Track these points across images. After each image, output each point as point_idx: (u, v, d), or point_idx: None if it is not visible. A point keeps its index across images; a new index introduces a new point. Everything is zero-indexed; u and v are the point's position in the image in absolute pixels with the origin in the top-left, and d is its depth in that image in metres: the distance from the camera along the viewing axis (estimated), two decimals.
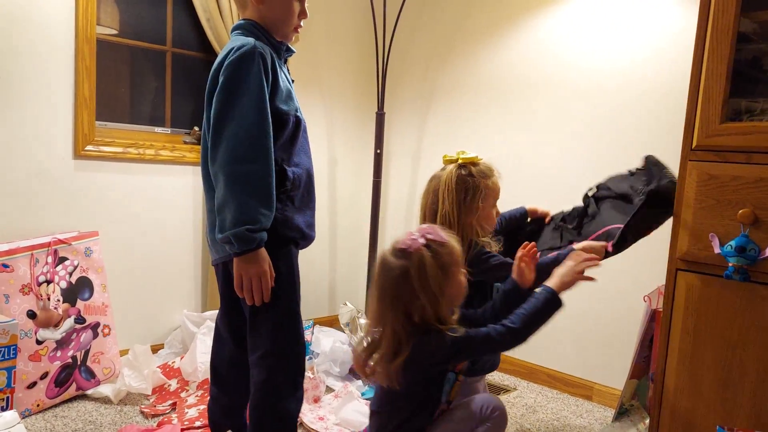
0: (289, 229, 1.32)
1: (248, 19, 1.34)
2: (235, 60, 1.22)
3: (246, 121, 1.19)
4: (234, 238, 1.19)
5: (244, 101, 1.20)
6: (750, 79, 1.34)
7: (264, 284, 1.24)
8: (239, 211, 1.18)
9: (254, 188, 1.19)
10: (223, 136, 1.20)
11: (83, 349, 2.06)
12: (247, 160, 1.19)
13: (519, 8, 2.49)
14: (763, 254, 1.16)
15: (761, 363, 1.18)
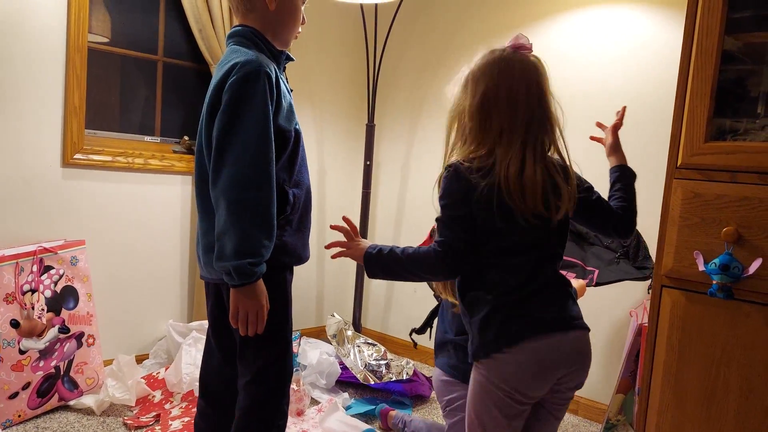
0: (286, 255, 1.29)
1: (247, 26, 1.28)
2: (240, 79, 1.15)
3: (250, 147, 1.14)
4: (234, 270, 1.14)
5: (248, 125, 1.14)
6: (734, 99, 1.37)
7: (260, 317, 1.21)
8: (241, 243, 1.13)
9: (257, 218, 1.14)
10: (227, 161, 1.14)
11: (66, 359, 2.03)
12: (251, 187, 1.14)
13: (509, 24, 2.52)
14: (746, 272, 1.17)
15: (745, 381, 1.19)
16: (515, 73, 1.20)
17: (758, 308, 1.18)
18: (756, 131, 1.30)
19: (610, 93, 2.23)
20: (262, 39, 1.28)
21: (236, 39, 1.27)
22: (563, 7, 2.35)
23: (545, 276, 1.16)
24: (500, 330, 1.13)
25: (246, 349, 1.30)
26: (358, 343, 2.47)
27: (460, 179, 1.14)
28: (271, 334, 1.27)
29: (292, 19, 1.30)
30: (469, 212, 1.14)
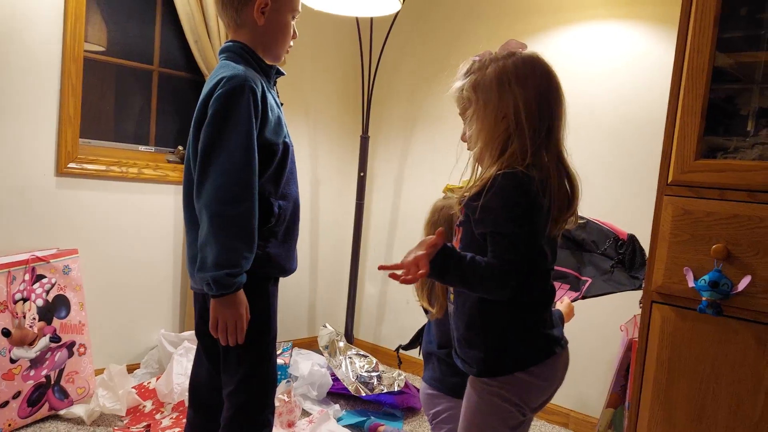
0: (269, 266, 1.30)
1: (237, 42, 1.31)
2: (225, 93, 1.18)
3: (234, 160, 1.17)
4: (213, 281, 1.17)
5: (232, 138, 1.17)
6: (724, 118, 1.38)
7: (239, 327, 1.22)
8: (221, 254, 1.16)
9: (238, 230, 1.17)
10: (210, 173, 1.17)
11: (57, 369, 2.02)
12: (233, 200, 1.17)
13: (502, 39, 2.53)
14: (735, 289, 1.18)
15: (734, 397, 1.20)
16: (552, 73, 1.18)
17: (747, 325, 1.19)
18: (746, 149, 1.32)
19: (602, 108, 2.25)
20: (252, 54, 1.30)
21: (227, 54, 1.30)
22: (556, 23, 2.37)
23: (553, 292, 1.18)
24: (527, 348, 1.11)
25: (228, 360, 1.31)
26: (350, 355, 2.46)
27: (529, 192, 1.06)
28: (252, 344, 1.28)
29: (281, 33, 1.32)
30: (534, 229, 1.07)
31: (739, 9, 1.36)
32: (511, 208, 1.06)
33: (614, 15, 2.21)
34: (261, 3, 1.27)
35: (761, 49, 1.35)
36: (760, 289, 1.17)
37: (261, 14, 1.28)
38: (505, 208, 1.06)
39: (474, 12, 2.64)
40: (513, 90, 1.13)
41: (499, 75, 1.15)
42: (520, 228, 1.06)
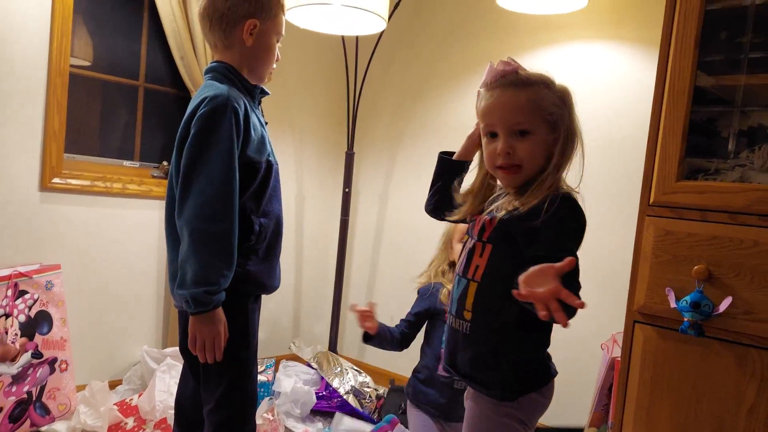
0: (249, 284, 1.31)
1: (222, 62, 1.34)
2: (207, 113, 1.21)
3: (215, 178, 1.19)
4: (191, 298, 1.18)
5: (213, 157, 1.20)
6: (705, 140, 1.40)
7: (217, 344, 1.24)
8: (200, 272, 1.17)
9: (218, 248, 1.19)
10: (191, 191, 1.19)
11: (39, 385, 1.99)
12: (214, 218, 1.19)
13: (486, 58, 2.55)
14: (716, 310, 1.19)
15: (715, 418, 1.20)
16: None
17: (728, 346, 1.20)
18: (726, 171, 1.34)
19: (585, 127, 2.26)
20: (237, 74, 1.33)
21: (212, 74, 1.32)
22: (540, 43, 2.40)
23: None
24: (543, 369, 1.17)
25: (208, 377, 1.32)
26: (345, 367, 2.47)
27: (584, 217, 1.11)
28: (232, 362, 1.29)
29: (267, 55, 1.36)
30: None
31: (719, 33, 1.38)
32: (578, 232, 1.08)
33: (598, 36, 2.24)
34: (250, 24, 1.30)
35: (741, 72, 1.37)
36: (741, 311, 1.18)
37: (249, 35, 1.31)
38: (576, 231, 1.08)
39: (457, 32, 2.67)
40: (568, 107, 1.18)
41: (562, 95, 1.18)
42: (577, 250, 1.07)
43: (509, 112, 1.14)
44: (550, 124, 1.14)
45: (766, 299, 1.16)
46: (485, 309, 1.13)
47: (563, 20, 2.31)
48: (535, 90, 1.14)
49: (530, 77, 1.16)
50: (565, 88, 1.20)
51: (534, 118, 1.13)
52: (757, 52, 1.35)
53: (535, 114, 1.13)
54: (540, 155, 1.14)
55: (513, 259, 1.07)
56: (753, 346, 1.17)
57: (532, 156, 1.13)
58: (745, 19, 1.36)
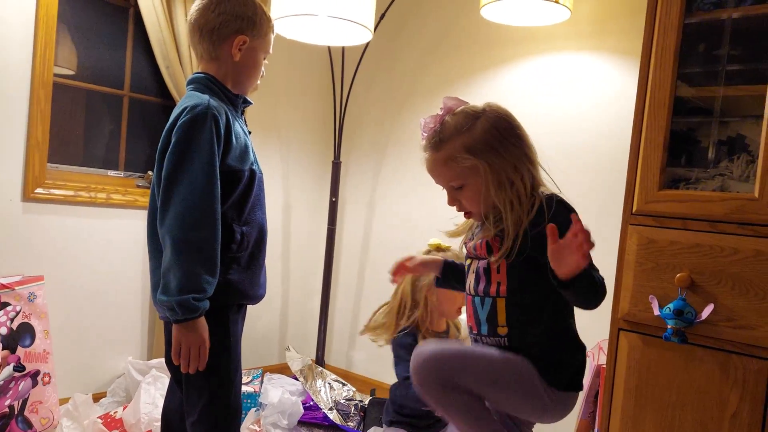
0: (230, 293, 1.30)
1: (205, 73, 1.35)
2: (188, 122, 1.21)
3: (196, 187, 1.20)
4: (177, 305, 1.18)
5: (194, 166, 1.20)
6: (686, 149, 1.43)
7: (201, 353, 1.23)
8: (185, 279, 1.17)
9: (201, 256, 1.19)
10: (173, 200, 1.20)
11: (21, 398, 1.96)
12: (196, 226, 1.19)
13: (470, 68, 2.59)
14: (699, 317, 1.21)
15: (699, 424, 1.22)
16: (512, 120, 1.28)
17: (711, 353, 1.22)
18: (707, 180, 1.36)
19: (569, 137, 2.30)
20: (220, 85, 1.34)
21: (194, 85, 1.33)
22: (523, 54, 2.42)
23: None
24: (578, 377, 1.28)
25: (190, 388, 1.31)
26: (329, 381, 2.45)
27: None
28: (214, 373, 1.28)
29: (252, 70, 1.38)
30: None
31: (698, 45, 1.41)
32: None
33: (581, 47, 2.27)
34: (240, 40, 1.32)
35: (719, 84, 1.40)
36: (723, 317, 1.21)
37: (238, 51, 1.33)
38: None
39: (443, 43, 2.69)
40: (506, 141, 1.21)
41: (491, 130, 1.21)
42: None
43: (437, 175, 1.25)
44: (472, 169, 1.20)
45: (747, 306, 1.19)
46: (522, 319, 1.20)
47: (547, 32, 2.34)
48: (449, 146, 1.21)
49: (445, 134, 1.22)
50: (484, 115, 1.24)
51: (457, 174, 1.21)
52: (734, 64, 1.39)
53: (454, 169, 1.21)
54: (483, 195, 1.21)
55: (529, 278, 1.18)
56: (735, 353, 1.19)
57: (475, 202, 1.23)
58: (723, 32, 1.39)
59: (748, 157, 1.35)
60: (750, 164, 1.33)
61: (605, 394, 1.34)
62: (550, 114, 2.35)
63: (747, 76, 1.37)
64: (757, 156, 1.24)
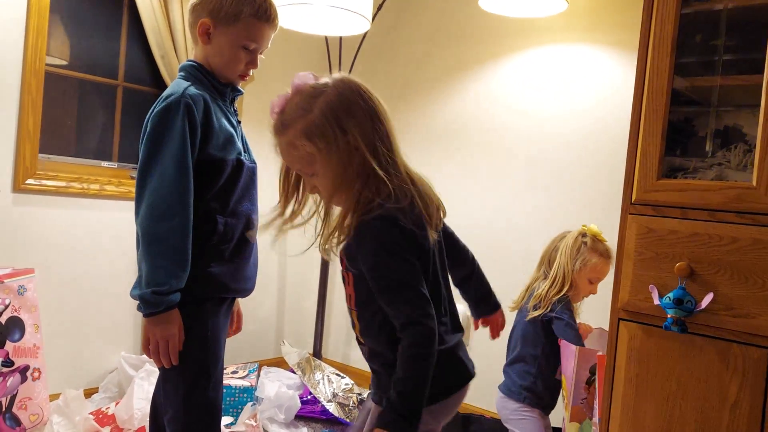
0: (210, 286, 1.27)
1: (193, 61, 1.32)
2: (160, 111, 1.20)
3: (165, 177, 1.17)
4: (141, 299, 1.17)
5: (165, 156, 1.18)
6: (684, 139, 1.43)
7: (171, 348, 1.20)
8: (150, 273, 1.16)
9: (168, 248, 1.17)
10: (145, 191, 1.18)
11: (9, 395, 1.93)
12: (165, 217, 1.17)
13: (468, 59, 2.59)
14: (699, 306, 1.21)
15: (700, 413, 1.22)
16: (367, 89, 1.11)
17: (710, 341, 1.22)
18: (704, 169, 1.36)
19: (567, 128, 2.30)
20: (206, 73, 1.31)
21: (181, 73, 1.32)
22: (521, 45, 2.43)
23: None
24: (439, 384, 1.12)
25: (166, 384, 1.29)
26: (328, 374, 2.44)
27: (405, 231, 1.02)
28: (190, 368, 1.25)
29: (224, 60, 1.30)
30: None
31: (695, 36, 1.42)
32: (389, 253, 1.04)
33: (577, 39, 2.28)
34: (202, 26, 1.28)
35: (716, 74, 1.41)
36: (722, 306, 1.20)
37: (205, 35, 1.29)
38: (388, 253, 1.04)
39: (441, 33, 2.69)
40: (349, 121, 1.05)
41: (329, 112, 1.05)
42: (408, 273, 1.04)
43: (287, 162, 1.14)
44: (309, 156, 1.08)
45: (745, 294, 1.19)
46: (368, 333, 1.11)
47: (544, 23, 2.34)
48: (290, 131, 1.08)
49: (286, 117, 1.10)
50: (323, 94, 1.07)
51: (302, 161, 1.09)
52: (730, 54, 1.39)
53: (299, 156, 1.09)
54: (332, 185, 1.08)
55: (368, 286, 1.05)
56: (735, 342, 1.19)
57: (327, 187, 1.10)
58: (719, 22, 1.40)
59: (745, 147, 1.35)
60: (747, 153, 1.33)
61: (606, 384, 1.34)
62: (546, 105, 2.36)
63: (743, 67, 1.38)
64: (754, 145, 1.24)
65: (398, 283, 1.01)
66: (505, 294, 1.44)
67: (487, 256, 2.54)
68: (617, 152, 2.10)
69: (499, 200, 2.47)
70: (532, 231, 2.34)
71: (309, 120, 1.06)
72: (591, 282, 1.85)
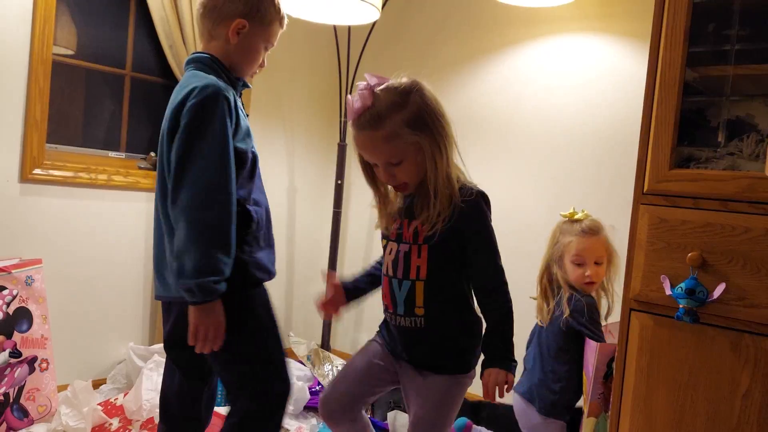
0: (259, 269, 1.32)
1: (209, 54, 1.33)
2: (200, 102, 1.20)
3: (210, 167, 1.19)
4: (197, 288, 1.17)
5: (209, 146, 1.19)
6: (696, 129, 1.42)
7: (219, 334, 1.23)
8: (202, 261, 1.16)
9: (217, 236, 1.18)
10: (186, 180, 1.18)
11: (17, 385, 1.94)
12: (210, 206, 1.18)
13: (478, 49, 2.57)
14: (711, 297, 1.21)
15: (711, 404, 1.21)
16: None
17: (722, 332, 1.21)
18: (716, 159, 1.35)
19: (575, 119, 2.29)
20: (221, 66, 1.33)
21: (196, 65, 1.33)
22: (530, 36, 2.42)
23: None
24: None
25: (231, 376, 1.33)
26: (337, 365, 2.45)
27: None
28: (251, 350, 1.30)
29: (250, 57, 1.37)
30: None
31: (707, 25, 1.40)
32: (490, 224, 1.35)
33: (587, 28, 2.26)
34: (239, 24, 1.32)
35: (729, 63, 1.39)
36: (734, 296, 1.20)
37: (236, 34, 1.33)
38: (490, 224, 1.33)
39: (449, 23, 2.68)
40: (439, 113, 1.28)
41: (424, 105, 1.26)
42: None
43: (375, 151, 1.26)
44: (414, 144, 1.24)
45: (758, 285, 1.18)
46: (436, 301, 1.28)
47: (555, 12, 2.33)
48: (389, 124, 1.23)
49: (381, 111, 1.23)
50: (415, 90, 1.27)
51: (398, 149, 1.24)
52: (743, 43, 1.38)
53: (397, 146, 1.24)
54: (420, 168, 1.26)
55: (448, 256, 1.27)
56: (747, 332, 1.19)
57: (412, 174, 1.27)
58: (732, 11, 1.38)
59: (757, 137, 1.34)
60: (759, 143, 1.32)
61: (617, 375, 1.34)
62: (556, 96, 2.35)
63: (756, 56, 1.36)
64: (766, 135, 1.23)
65: (496, 251, 1.28)
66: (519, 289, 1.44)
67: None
68: (627, 143, 2.10)
69: (508, 190, 2.46)
70: (543, 217, 2.33)
71: (410, 111, 1.24)
72: (578, 264, 1.68)
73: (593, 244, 1.69)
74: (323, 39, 2.90)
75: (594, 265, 1.70)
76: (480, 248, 1.27)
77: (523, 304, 2.16)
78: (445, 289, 1.29)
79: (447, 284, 1.29)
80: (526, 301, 1.78)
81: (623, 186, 2.04)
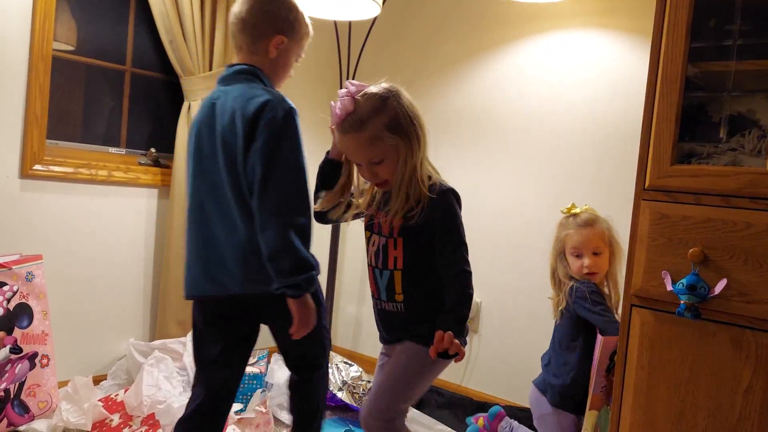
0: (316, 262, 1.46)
1: (254, 66, 1.44)
2: (281, 117, 1.34)
3: (298, 176, 1.35)
4: (305, 282, 1.33)
5: (292, 157, 1.35)
6: (697, 124, 1.42)
7: (315, 318, 1.40)
8: (305, 259, 1.33)
9: (307, 238, 1.35)
10: (278, 187, 1.32)
11: (18, 382, 1.94)
12: (301, 212, 1.34)
13: (479, 46, 2.57)
14: (712, 292, 1.20)
15: (712, 400, 1.22)
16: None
17: (724, 327, 1.21)
18: (718, 155, 1.35)
19: (576, 116, 2.29)
20: (265, 78, 1.45)
21: (248, 76, 1.44)
22: (531, 32, 2.41)
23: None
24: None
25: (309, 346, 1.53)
26: (336, 362, 2.45)
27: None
28: (320, 324, 1.48)
29: (283, 71, 1.52)
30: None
31: (709, 21, 1.40)
32: (459, 217, 1.44)
33: (588, 24, 2.26)
34: (279, 40, 1.45)
35: (730, 59, 1.39)
36: (735, 292, 1.20)
37: (275, 49, 1.45)
38: (460, 221, 1.43)
39: (451, 19, 2.67)
40: (416, 117, 1.39)
41: (401, 110, 1.37)
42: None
43: (358, 153, 1.40)
44: (393, 146, 1.36)
45: (759, 281, 1.18)
46: (413, 288, 1.42)
47: (556, 8, 2.33)
48: (371, 127, 1.35)
49: (363, 116, 1.36)
50: (392, 96, 1.38)
51: (380, 150, 1.36)
52: (745, 39, 1.37)
53: (379, 147, 1.36)
54: (399, 166, 1.38)
55: (421, 247, 1.39)
56: (748, 328, 1.19)
57: (393, 172, 1.39)
58: (733, 6, 1.38)
59: (759, 132, 1.34)
60: (761, 139, 1.32)
61: (618, 370, 1.34)
62: (557, 92, 2.34)
63: (758, 51, 1.36)
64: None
65: (462, 239, 1.38)
66: (521, 287, 1.44)
67: (493, 244, 2.56)
68: (628, 139, 2.09)
69: (507, 187, 2.46)
70: (544, 214, 2.33)
71: (389, 116, 1.36)
72: (577, 256, 1.74)
73: (589, 235, 1.74)
74: (324, 35, 2.89)
75: (592, 255, 1.74)
76: (446, 237, 1.37)
77: (532, 303, 2.18)
78: (421, 277, 1.41)
79: (422, 273, 1.40)
80: (534, 301, 1.79)
81: (624, 183, 2.04)
